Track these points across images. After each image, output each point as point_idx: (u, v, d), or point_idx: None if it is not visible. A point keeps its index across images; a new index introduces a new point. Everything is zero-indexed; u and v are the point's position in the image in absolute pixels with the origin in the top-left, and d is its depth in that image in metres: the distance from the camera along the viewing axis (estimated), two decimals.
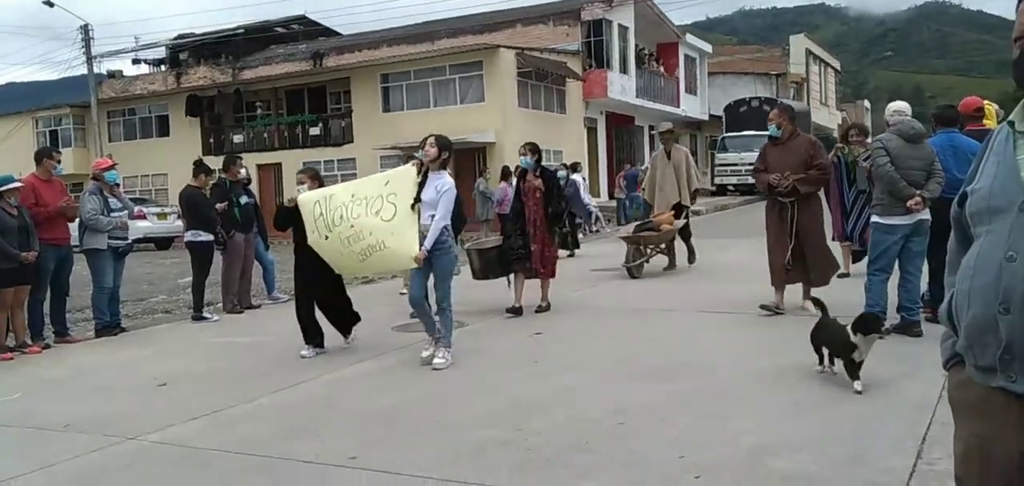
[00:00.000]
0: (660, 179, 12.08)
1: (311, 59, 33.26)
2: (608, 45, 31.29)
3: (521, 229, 8.88)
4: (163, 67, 38.87)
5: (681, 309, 8.82)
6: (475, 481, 4.08)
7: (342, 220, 6.70)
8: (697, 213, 27.10)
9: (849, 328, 5.28)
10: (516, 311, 8.84)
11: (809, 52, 52.84)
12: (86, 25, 33.08)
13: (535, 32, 31.01)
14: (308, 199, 7.06)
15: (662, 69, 36.99)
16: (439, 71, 28.00)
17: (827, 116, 54.75)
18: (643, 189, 13.50)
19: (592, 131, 32.41)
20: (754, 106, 33.94)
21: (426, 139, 6.87)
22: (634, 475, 4.07)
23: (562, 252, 14.82)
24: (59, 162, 9.16)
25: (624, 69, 32.60)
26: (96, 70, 34.01)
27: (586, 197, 22.20)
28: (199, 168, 10.47)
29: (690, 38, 39.98)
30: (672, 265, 12.17)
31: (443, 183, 6.59)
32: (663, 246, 11.99)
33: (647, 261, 11.71)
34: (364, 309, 8.11)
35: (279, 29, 39.36)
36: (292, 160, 29.57)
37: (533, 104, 28.54)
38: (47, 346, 8.63)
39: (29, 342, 8.44)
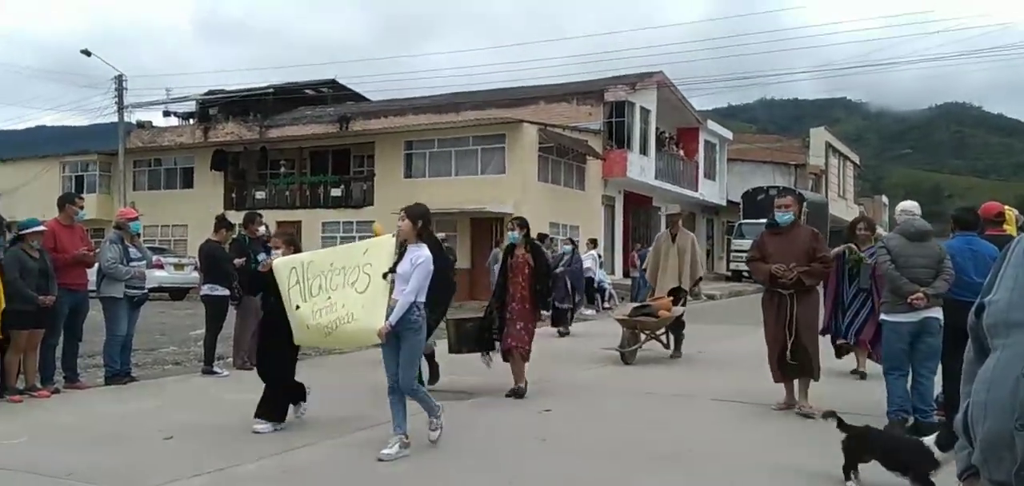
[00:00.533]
0: (663, 262, 11.65)
1: (338, 122, 33.71)
2: (629, 126, 31.57)
3: (501, 305, 8.53)
4: (192, 121, 39.46)
5: (694, 395, 8.74)
6: None
7: (321, 291, 6.37)
8: (711, 297, 27.01)
9: (932, 443, 4.80)
10: (517, 393, 8.45)
11: (829, 145, 53.02)
12: (120, 75, 33.75)
13: (558, 109, 31.36)
14: (283, 265, 6.69)
15: (682, 153, 37.22)
16: (462, 141, 28.32)
17: (845, 209, 54.63)
18: (645, 269, 13.05)
19: (610, 209, 32.54)
20: (772, 195, 33.87)
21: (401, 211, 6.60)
22: None
23: (552, 329, 14.70)
24: (81, 208, 9.27)
25: (644, 150, 32.84)
26: (127, 119, 34.60)
27: (601, 274, 22.26)
28: (221, 223, 10.57)
29: (711, 124, 40.27)
30: (677, 352, 11.73)
31: (418, 256, 6.11)
32: (660, 332, 11.55)
33: (640, 347, 11.28)
34: (369, 373, 8.08)
35: (308, 91, 39.97)
36: (313, 219, 29.84)
37: (553, 179, 28.75)
38: (56, 391, 8.64)
39: (39, 386, 8.46)
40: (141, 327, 10.85)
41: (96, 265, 9.16)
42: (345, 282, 6.31)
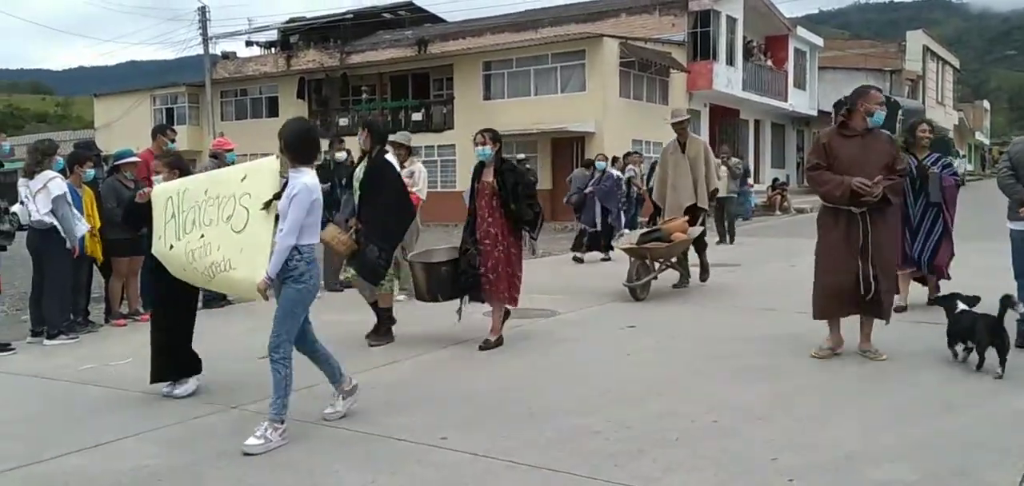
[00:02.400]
0: (672, 177, 9.97)
1: (416, 45, 33.75)
2: (715, 36, 30.69)
3: (476, 241, 7.03)
4: (274, 50, 40.07)
5: (782, 309, 8.60)
6: (563, 468, 4.08)
7: (194, 226, 5.20)
8: (802, 210, 26.40)
9: None
10: (493, 345, 7.00)
11: (926, 49, 50.72)
12: (203, 7, 34.42)
13: (640, 22, 30.68)
14: (161, 193, 5.56)
15: (770, 62, 36.08)
16: (541, 60, 28.03)
17: (943, 116, 52.47)
18: (651, 188, 11.10)
19: (695, 123, 31.90)
20: None
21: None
22: (723, 473, 3.99)
23: (596, 255, 14.01)
24: (173, 139, 9.55)
25: (731, 61, 31.94)
26: (211, 51, 35.37)
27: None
28: None
29: (801, 31, 38.83)
30: (684, 281, 10.31)
31: (294, 185, 4.73)
32: (674, 260, 10.04)
33: (655, 278, 9.76)
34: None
35: (386, 15, 40.07)
36: None
37: (635, 94, 28.29)
38: None
39: (141, 310, 8.85)
40: None
41: None
42: (219, 217, 5.10)
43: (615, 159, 16.69)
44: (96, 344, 7.65)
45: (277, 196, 4.84)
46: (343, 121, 32.16)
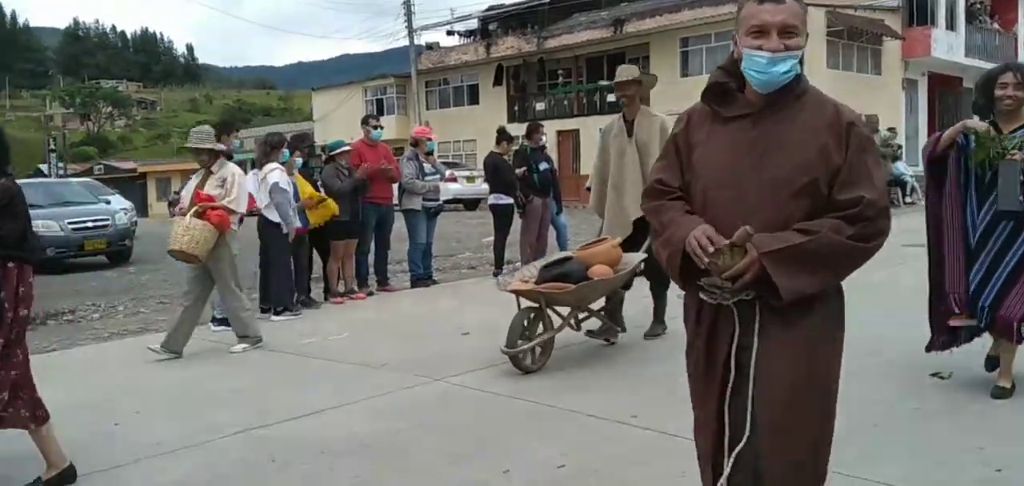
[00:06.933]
0: (615, 172, 6.51)
1: (611, 25, 33.67)
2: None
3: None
4: (474, 38, 41.29)
5: None
6: None
7: None
8: None
9: None
10: None
11: None
12: (408, 0, 36.03)
13: None
14: None
15: (997, 25, 33.10)
16: None
17: None
18: (589, 187, 7.35)
19: (911, 94, 29.87)
20: None
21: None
22: (923, 461, 3.84)
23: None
24: (375, 127, 10.08)
25: (951, 25, 29.62)
26: (416, 42, 37.02)
27: (901, 166, 20.73)
28: (501, 136, 11.14)
29: None
30: (614, 330, 6.56)
31: None
32: (596, 305, 6.38)
33: (575, 326, 6.26)
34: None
35: None
36: (589, 127, 30.26)
37: (844, 65, 26.90)
38: (371, 293, 9.71)
39: (356, 289, 9.54)
40: (439, 235, 11.81)
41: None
42: None
43: None
44: (316, 320, 8.33)
45: None
46: (540, 106, 32.77)
